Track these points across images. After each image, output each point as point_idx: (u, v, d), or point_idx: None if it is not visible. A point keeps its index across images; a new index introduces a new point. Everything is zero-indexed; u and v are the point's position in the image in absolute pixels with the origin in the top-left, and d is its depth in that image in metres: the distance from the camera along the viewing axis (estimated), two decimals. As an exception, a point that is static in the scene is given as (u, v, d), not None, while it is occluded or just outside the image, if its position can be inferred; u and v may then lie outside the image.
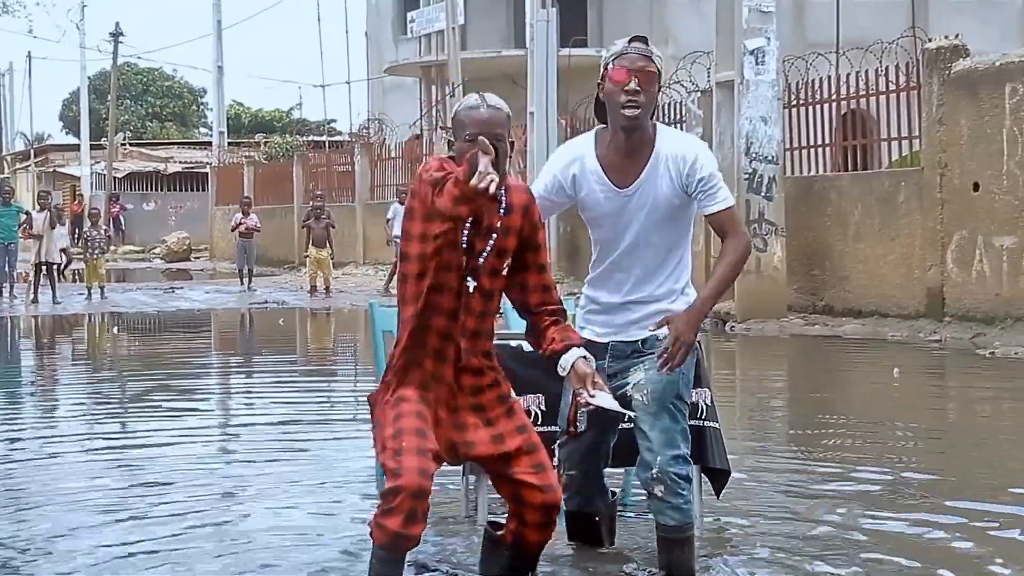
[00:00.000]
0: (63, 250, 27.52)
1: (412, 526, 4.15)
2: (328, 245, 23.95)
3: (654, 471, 4.50)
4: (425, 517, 4.18)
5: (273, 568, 5.08)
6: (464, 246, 4.33)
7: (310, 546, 5.39)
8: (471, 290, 4.36)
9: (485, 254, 4.37)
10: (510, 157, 4.41)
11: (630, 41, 4.55)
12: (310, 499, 6.40)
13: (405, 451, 4.21)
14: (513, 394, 4.52)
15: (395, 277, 21.94)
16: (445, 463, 4.41)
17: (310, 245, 23.89)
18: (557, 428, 4.86)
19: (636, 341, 4.61)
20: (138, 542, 5.51)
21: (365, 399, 4.51)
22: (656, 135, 4.58)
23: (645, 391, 4.55)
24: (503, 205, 4.40)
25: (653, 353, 4.55)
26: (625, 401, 4.60)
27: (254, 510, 6.21)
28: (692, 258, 4.80)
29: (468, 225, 4.32)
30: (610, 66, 4.53)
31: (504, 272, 4.42)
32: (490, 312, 4.43)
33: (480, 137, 4.11)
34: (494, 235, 4.37)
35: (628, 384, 4.59)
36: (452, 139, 4.40)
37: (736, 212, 4.66)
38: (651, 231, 4.58)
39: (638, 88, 4.46)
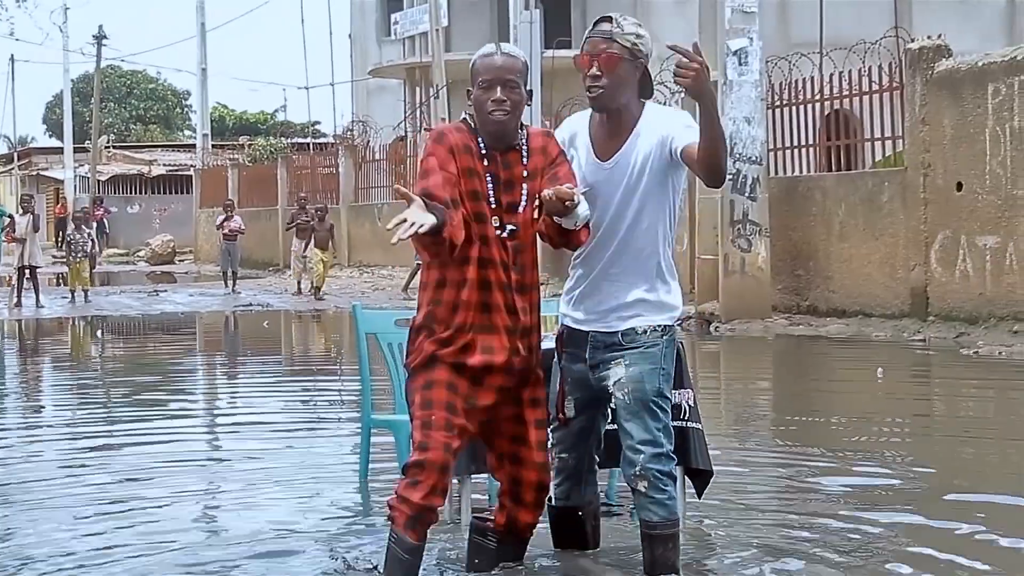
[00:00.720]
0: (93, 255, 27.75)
1: (435, 499, 4.24)
2: (332, 248, 23.92)
3: (637, 468, 4.51)
4: (446, 494, 4.29)
5: (249, 565, 5.08)
6: (492, 201, 4.36)
7: (288, 543, 5.39)
8: (511, 242, 4.39)
9: (520, 207, 4.40)
10: (529, 105, 4.44)
11: (597, 23, 4.57)
12: (292, 498, 6.41)
13: (434, 424, 4.26)
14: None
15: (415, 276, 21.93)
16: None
17: (311, 247, 23.77)
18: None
19: (616, 332, 4.60)
20: (117, 538, 5.54)
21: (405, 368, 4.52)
22: (642, 112, 4.60)
23: (626, 389, 4.55)
24: (524, 152, 4.42)
25: (633, 348, 4.56)
26: (606, 397, 4.62)
27: (235, 509, 6.23)
28: (676, 259, 4.78)
29: (491, 183, 4.36)
30: (580, 52, 4.59)
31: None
32: (535, 263, 4.47)
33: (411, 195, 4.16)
34: (524, 185, 4.41)
35: (610, 379, 4.59)
36: (470, 88, 4.42)
37: None
38: (632, 205, 4.57)
39: (599, 72, 4.50)
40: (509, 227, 4.37)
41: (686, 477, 5.34)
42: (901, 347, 13.70)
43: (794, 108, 17.40)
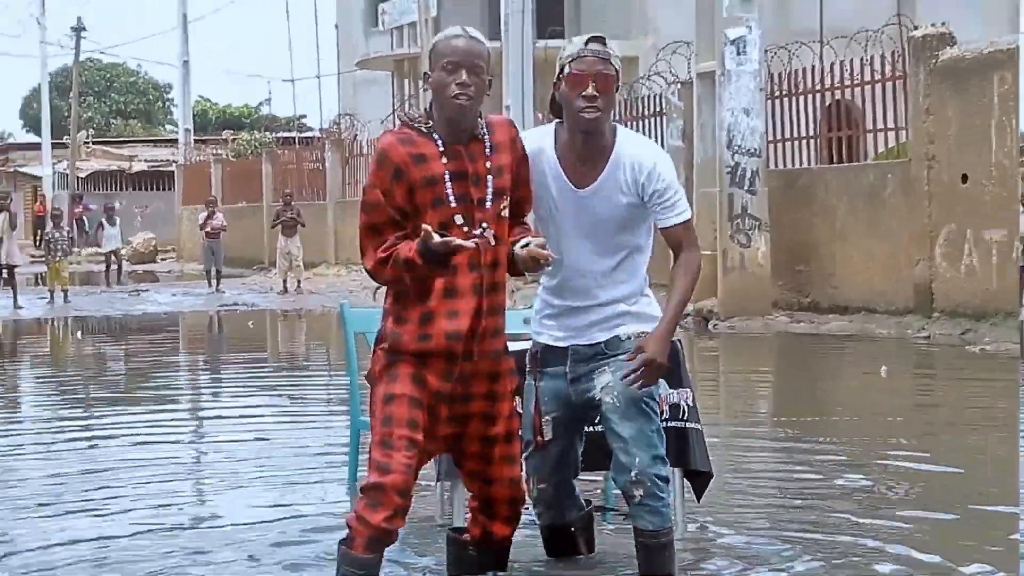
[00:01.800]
0: (114, 252, 27.74)
1: (396, 521, 4.19)
2: None
3: (634, 473, 4.48)
4: (406, 513, 4.23)
5: (241, 562, 5.13)
6: (453, 202, 4.28)
7: (277, 540, 5.43)
8: (481, 241, 4.31)
9: (488, 202, 4.33)
10: (488, 95, 4.41)
11: (587, 42, 4.53)
12: (278, 494, 6.46)
13: (395, 444, 4.19)
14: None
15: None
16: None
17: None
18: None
19: (599, 343, 4.59)
20: (107, 538, 5.59)
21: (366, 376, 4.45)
22: (615, 138, 4.57)
23: (615, 393, 4.53)
24: (488, 146, 4.38)
25: (618, 355, 4.55)
26: (594, 405, 4.60)
27: (223, 505, 6.30)
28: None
29: (449, 181, 4.29)
30: (567, 68, 4.52)
31: (505, 214, 4.38)
32: (501, 262, 4.38)
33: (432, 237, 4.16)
34: (489, 177, 4.34)
35: (595, 387, 4.58)
36: (428, 71, 4.35)
37: (692, 226, 4.62)
38: (611, 233, 4.56)
39: (596, 93, 4.46)
40: (483, 225, 4.31)
41: (685, 479, 5.34)
42: (906, 344, 13.71)
43: (794, 99, 17.41)
